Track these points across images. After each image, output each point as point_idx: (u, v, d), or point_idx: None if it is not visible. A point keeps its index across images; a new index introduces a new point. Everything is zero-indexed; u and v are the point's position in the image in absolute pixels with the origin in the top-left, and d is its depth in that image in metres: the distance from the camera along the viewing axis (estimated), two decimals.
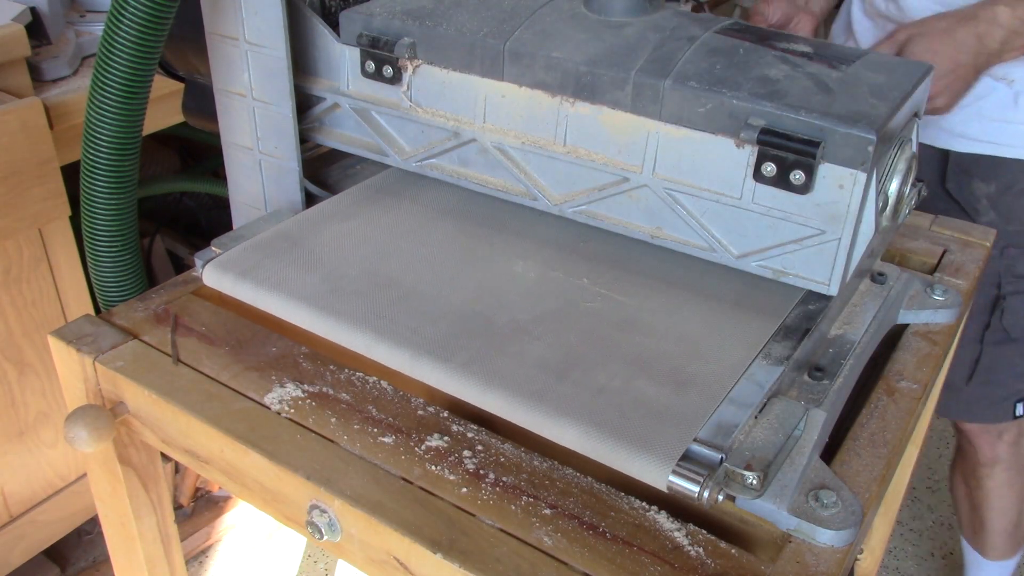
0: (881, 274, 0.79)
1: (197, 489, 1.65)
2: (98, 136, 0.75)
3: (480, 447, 0.65)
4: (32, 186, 1.15)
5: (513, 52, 0.70)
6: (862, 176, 0.60)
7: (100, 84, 0.73)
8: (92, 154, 0.76)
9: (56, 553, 1.53)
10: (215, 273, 0.71)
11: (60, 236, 1.24)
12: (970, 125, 1.16)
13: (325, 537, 0.62)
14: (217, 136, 0.84)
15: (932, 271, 0.90)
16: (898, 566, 1.78)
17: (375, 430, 0.66)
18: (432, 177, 0.79)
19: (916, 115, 0.69)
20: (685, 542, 0.58)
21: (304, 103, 0.81)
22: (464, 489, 0.61)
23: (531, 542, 0.58)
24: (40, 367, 1.28)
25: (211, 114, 0.83)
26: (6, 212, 1.14)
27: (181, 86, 0.89)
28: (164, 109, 1.23)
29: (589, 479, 0.62)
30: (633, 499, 0.61)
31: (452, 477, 0.62)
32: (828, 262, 0.64)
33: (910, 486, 1.12)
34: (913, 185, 0.72)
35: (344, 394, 0.69)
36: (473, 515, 0.59)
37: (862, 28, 1.25)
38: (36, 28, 1.23)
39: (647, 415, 0.58)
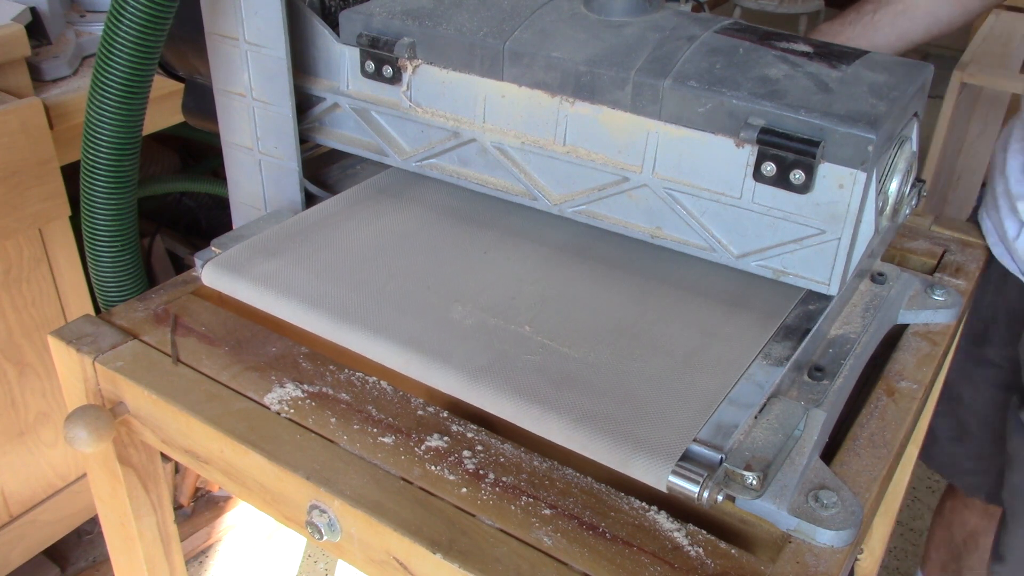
0: (881, 274, 0.79)
1: (197, 489, 1.65)
2: (98, 136, 0.75)
3: (480, 447, 0.64)
4: (32, 186, 1.15)
5: (513, 52, 0.70)
6: (862, 176, 0.60)
7: (100, 84, 0.73)
8: (92, 154, 0.76)
9: (56, 553, 1.53)
10: (215, 273, 0.71)
11: (60, 236, 1.24)
12: None
13: (325, 537, 0.62)
14: (217, 136, 0.84)
15: (932, 271, 0.90)
16: (898, 566, 1.78)
17: (375, 430, 0.66)
18: (432, 177, 0.79)
19: (916, 115, 0.69)
20: (685, 542, 0.58)
21: (304, 103, 0.81)
22: (464, 489, 0.61)
23: (531, 542, 0.58)
24: (40, 367, 1.28)
25: (211, 114, 0.83)
26: (6, 212, 1.14)
27: (181, 86, 0.89)
28: (164, 109, 1.23)
29: (589, 479, 0.62)
30: (633, 499, 0.61)
31: (452, 477, 0.62)
32: (828, 262, 0.64)
33: (910, 486, 1.12)
34: (913, 185, 0.72)
35: (344, 394, 0.69)
36: (473, 515, 0.59)
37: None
38: (36, 28, 1.23)
39: (647, 416, 0.58)
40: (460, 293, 0.69)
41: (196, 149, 1.91)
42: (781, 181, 0.63)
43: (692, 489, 0.53)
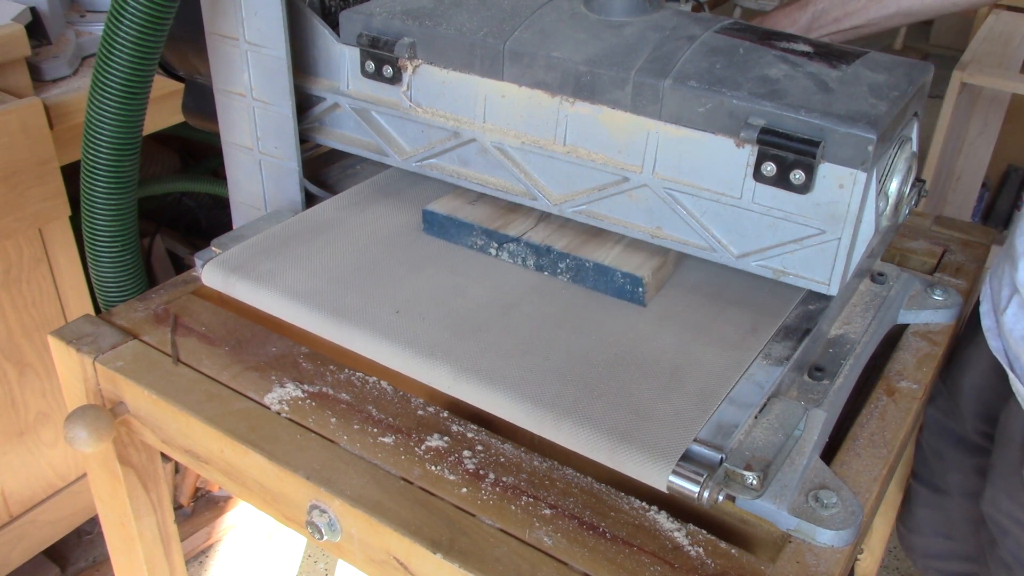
0: (881, 274, 0.79)
1: (197, 489, 1.65)
2: (98, 136, 0.75)
3: (480, 447, 0.64)
4: (32, 186, 1.15)
5: (513, 52, 0.70)
6: (862, 176, 0.60)
7: (100, 84, 0.73)
8: (92, 154, 0.76)
9: (56, 553, 1.53)
10: (215, 273, 0.71)
11: (60, 236, 1.24)
12: None
13: (325, 537, 0.62)
14: (217, 136, 0.84)
15: (932, 271, 0.90)
16: (898, 566, 1.78)
17: (375, 430, 0.66)
18: (432, 177, 0.79)
19: (916, 115, 0.69)
20: (685, 542, 0.58)
21: (304, 103, 0.81)
22: (464, 489, 0.61)
23: (531, 542, 0.58)
24: (40, 367, 1.28)
25: (211, 114, 0.83)
26: (6, 212, 1.14)
27: (181, 86, 0.89)
28: (164, 109, 1.23)
29: (589, 479, 0.62)
30: (633, 499, 0.61)
31: (452, 477, 0.62)
32: (828, 262, 0.64)
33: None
34: (913, 185, 0.72)
35: (344, 394, 0.69)
36: (473, 515, 0.59)
37: None
38: (36, 28, 1.23)
39: (648, 416, 0.58)
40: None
41: (196, 149, 1.90)
42: (781, 181, 0.62)
43: (692, 489, 0.53)
